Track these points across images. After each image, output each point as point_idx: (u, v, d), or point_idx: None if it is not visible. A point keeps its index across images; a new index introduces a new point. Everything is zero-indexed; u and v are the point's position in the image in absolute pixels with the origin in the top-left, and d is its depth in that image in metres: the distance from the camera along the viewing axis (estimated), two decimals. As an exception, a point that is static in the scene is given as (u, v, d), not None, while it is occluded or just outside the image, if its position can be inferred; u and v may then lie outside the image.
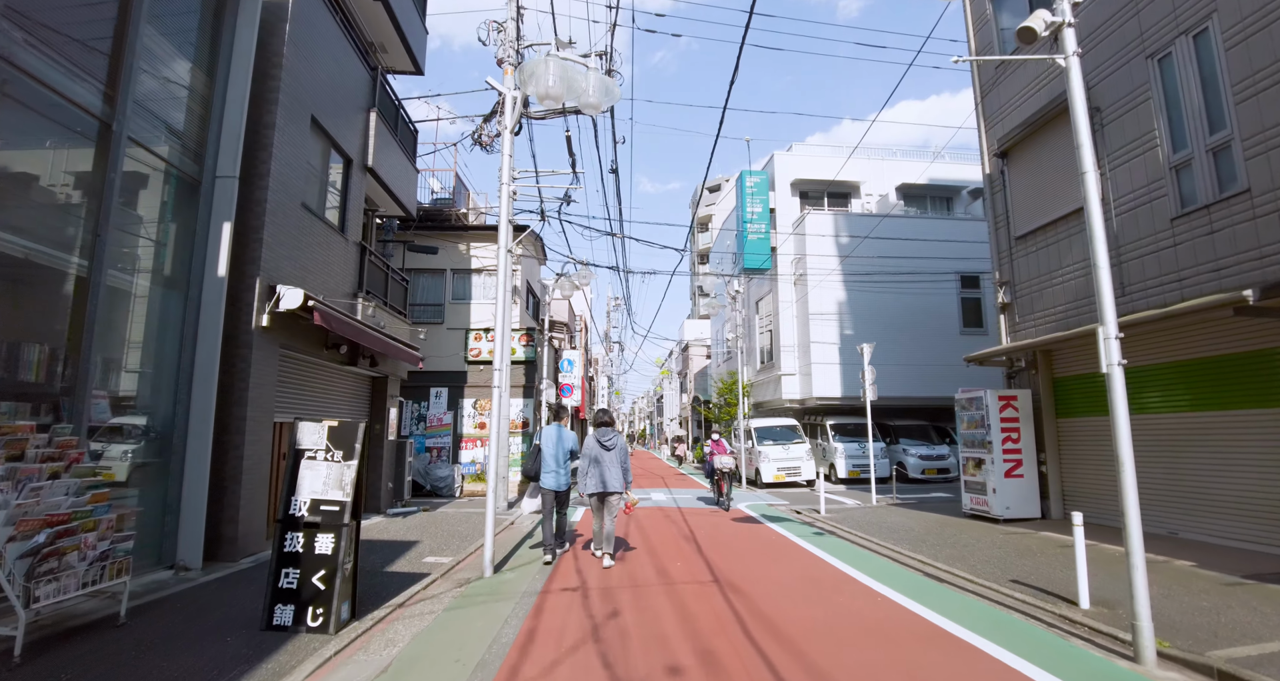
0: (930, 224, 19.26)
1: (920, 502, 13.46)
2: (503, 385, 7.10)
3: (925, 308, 18.73)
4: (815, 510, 12.07)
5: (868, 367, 13.30)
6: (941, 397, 18.93)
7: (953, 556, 7.52)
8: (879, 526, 9.92)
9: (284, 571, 4.63)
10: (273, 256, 7.66)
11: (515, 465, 16.00)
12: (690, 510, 12.43)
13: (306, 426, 4.94)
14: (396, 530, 9.43)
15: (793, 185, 19.77)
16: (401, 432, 16.33)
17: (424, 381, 16.51)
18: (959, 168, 21.07)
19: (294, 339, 8.20)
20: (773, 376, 19.62)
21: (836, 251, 18.48)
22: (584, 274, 15.97)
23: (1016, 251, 10.63)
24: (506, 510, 11.99)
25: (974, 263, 19.01)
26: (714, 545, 8.43)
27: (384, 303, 11.46)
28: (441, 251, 16.87)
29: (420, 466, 15.55)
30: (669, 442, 47.15)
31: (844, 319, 18.30)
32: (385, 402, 11.63)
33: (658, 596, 5.74)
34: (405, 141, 12.55)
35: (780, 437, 17.72)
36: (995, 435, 9.82)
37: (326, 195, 9.41)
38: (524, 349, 16.57)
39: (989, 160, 11.35)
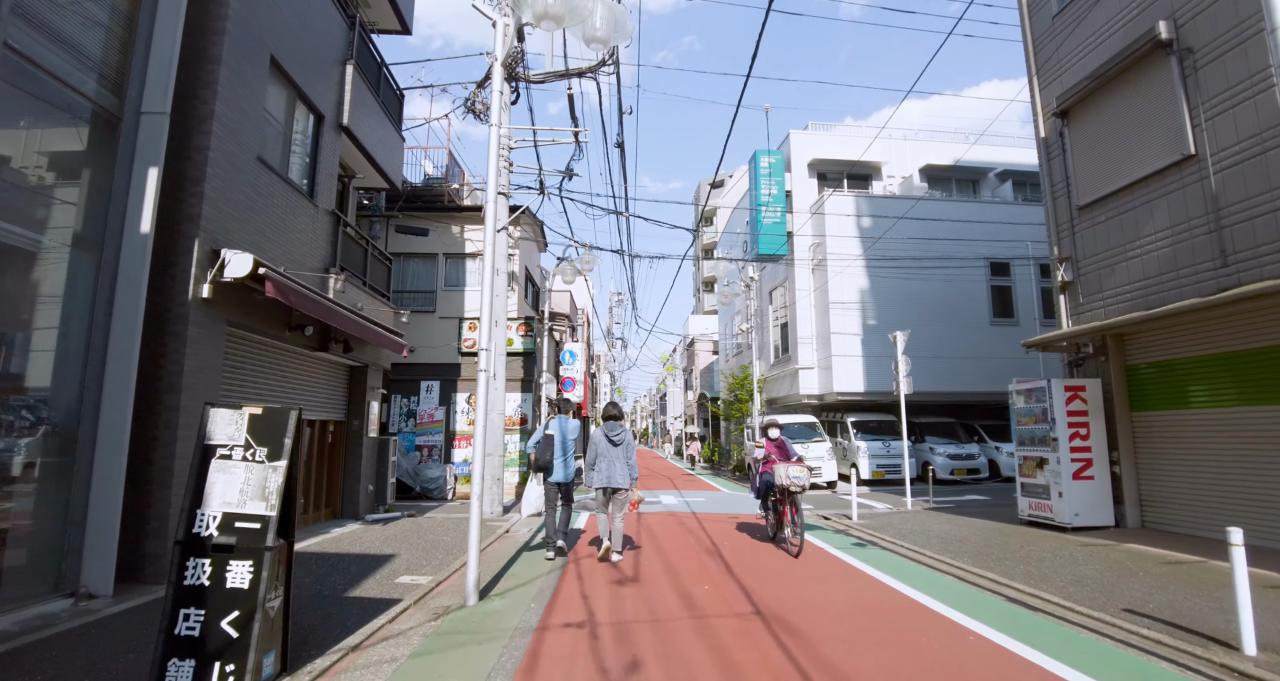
0: (957, 207, 17.97)
1: (958, 506, 12.19)
2: (492, 368, 5.86)
3: (953, 296, 17.46)
4: (845, 515, 10.82)
5: (901, 358, 12.05)
6: (971, 393, 17.68)
7: (1032, 575, 6.26)
8: (925, 535, 8.66)
9: (182, 612, 3.37)
10: (218, 216, 6.39)
11: (511, 465, 14.75)
12: (708, 517, 11.16)
13: (219, 415, 3.68)
14: (373, 540, 8.16)
15: (810, 166, 18.51)
16: (389, 429, 15.10)
17: (414, 374, 15.26)
18: (986, 149, 19.77)
19: (248, 316, 6.94)
20: (788, 370, 18.36)
21: (859, 236, 17.21)
22: (587, 258, 14.69)
23: (1080, 223, 9.35)
24: (501, 515, 10.73)
25: (1005, 248, 17.76)
26: (743, 561, 7.15)
27: (363, 282, 10.19)
28: (433, 234, 15.61)
29: (409, 466, 14.30)
30: (678, 440, 45.84)
31: (867, 308, 17.02)
32: (365, 395, 10.38)
33: (687, 635, 4.47)
34: (389, 105, 11.29)
35: (798, 436, 16.43)
36: (1061, 431, 8.55)
37: (291, 153, 8.14)
38: (522, 339, 15.31)
39: (1044, 123, 10.07)
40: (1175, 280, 7.73)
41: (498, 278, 11.27)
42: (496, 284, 11.27)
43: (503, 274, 11.31)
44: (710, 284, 52.61)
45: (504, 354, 11.20)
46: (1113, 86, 8.61)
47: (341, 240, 9.41)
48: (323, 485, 9.67)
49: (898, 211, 17.20)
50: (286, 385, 8.40)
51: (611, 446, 7.07)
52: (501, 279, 11.30)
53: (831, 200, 17.19)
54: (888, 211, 17.31)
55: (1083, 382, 8.77)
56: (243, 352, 7.33)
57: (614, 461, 7.00)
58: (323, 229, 8.94)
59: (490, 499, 10.68)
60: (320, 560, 6.90)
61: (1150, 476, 8.46)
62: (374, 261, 10.88)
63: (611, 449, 7.06)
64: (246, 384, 7.40)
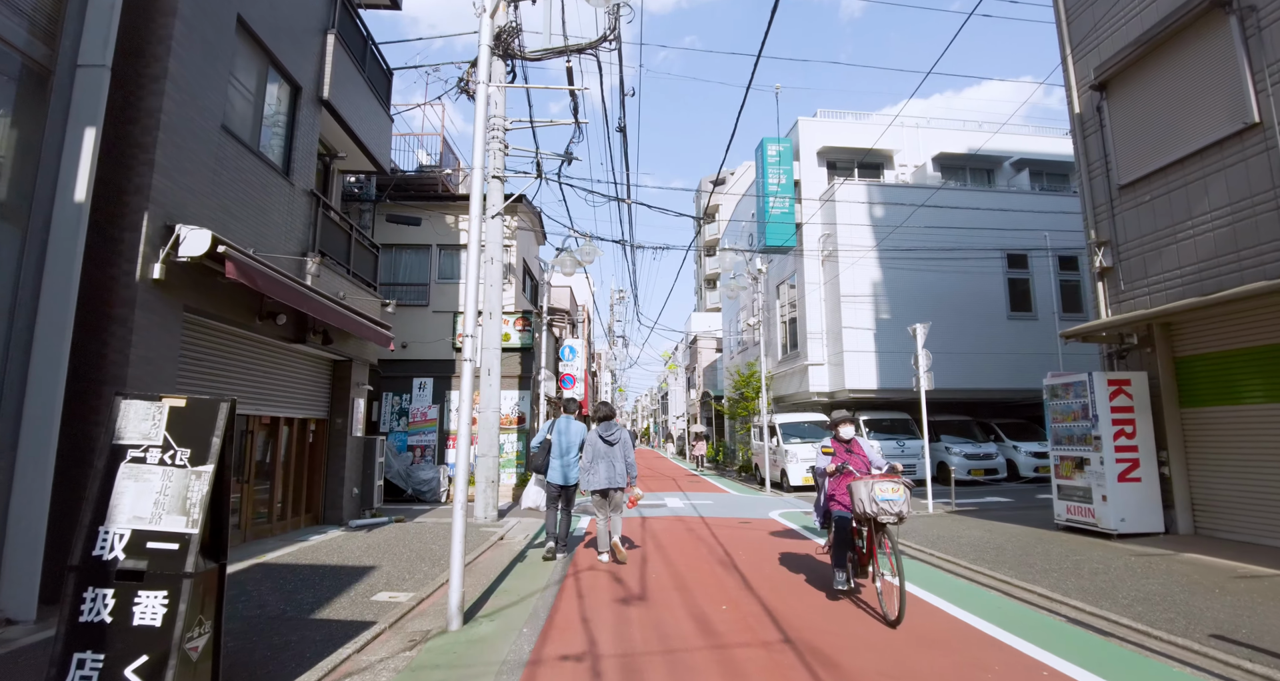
0: (973, 197, 17.25)
1: (982, 509, 11.49)
2: (478, 356, 5.15)
3: (969, 290, 16.74)
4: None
5: (921, 352, 11.35)
6: (987, 390, 16.96)
7: (1088, 589, 5.56)
8: (956, 542, 7.96)
9: (76, 657, 2.67)
10: (172, 188, 5.69)
11: (509, 466, 14.04)
12: (718, 522, 10.44)
13: (131, 407, 2.97)
14: (354, 550, 7.45)
15: (819, 155, 17.79)
16: (380, 429, 14.40)
17: (406, 371, 14.56)
18: (1001, 138, 19.02)
19: (211, 302, 6.23)
20: (797, 367, 17.65)
21: (872, 226, 16.49)
22: (588, 249, 13.97)
23: (1121, 204, 8.63)
24: (496, 520, 10.02)
25: (1022, 240, 17.05)
26: (761, 574, 6.45)
27: (346, 270, 9.49)
28: (426, 224, 14.91)
29: (400, 468, 13.60)
30: (680, 439, 45.12)
31: (879, 301, 16.31)
32: (349, 392, 9.67)
33: (708, 671, 3.76)
34: (376, 83, 10.58)
35: (809, 435, 15.73)
36: (1105, 428, 7.84)
37: (263, 124, 7.43)
38: (519, 334, 14.61)
39: (1079, 98, 9.36)
40: (1235, 262, 7.02)
41: (491, 266, 10.57)
42: (489, 273, 10.56)
43: (498, 262, 10.61)
44: (712, 281, 51.89)
45: (499, 348, 10.50)
46: (1160, 53, 7.89)
47: (321, 223, 8.70)
48: (302, 488, 8.96)
49: (913, 201, 16.49)
50: (258, 380, 7.69)
51: (608, 446, 6.95)
52: (496, 267, 10.59)
53: (843, 188, 16.48)
54: (902, 201, 16.60)
55: (1127, 376, 8.05)
56: (205, 343, 6.62)
57: (613, 461, 6.91)
58: (300, 210, 8.23)
59: (484, 502, 9.98)
60: (291, 573, 6.20)
61: (1203, 478, 7.75)
62: (359, 248, 10.17)
63: (608, 449, 6.95)
64: (209, 377, 6.69)
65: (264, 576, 6.03)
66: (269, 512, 8.18)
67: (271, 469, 8.26)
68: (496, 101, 11.20)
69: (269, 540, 7.86)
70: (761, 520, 10.36)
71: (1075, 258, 17.62)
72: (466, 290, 5.29)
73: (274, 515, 8.27)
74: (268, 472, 8.19)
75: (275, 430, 8.31)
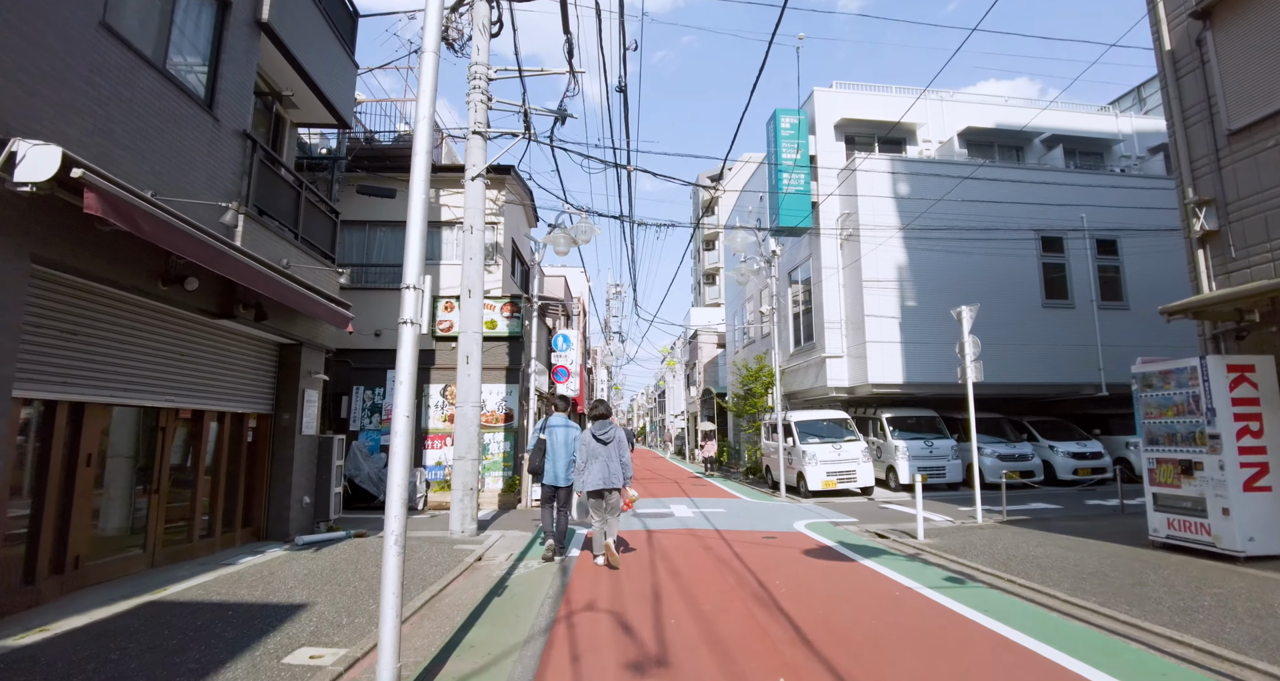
0: (1006, 175, 15.78)
1: (1037, 519, 10.02)
2: (423, 317, 3.62)
3: (1000, 275, 15.26)
4: (904, 533, 8.66)
5: (969, 338, 9.87)
6: (1020, 385, 15.47)
7: (1260, 638, 4.07)
8: (1032, 564, 6.47)
9: None
10: (16, 93, 4.12)
11: (494, 470, 12.49)
12: (737, 537, 8.91)
13: None
14: (288, 579, 5.89)
15: (837, 128, 16.29)
16: (350, 427, 12.83)
17: (379, 362, 12.99)
18: (1033, 113, 17.60)
19: (83, 254, 4.67)
20: (812, 360, 16.14)
21: (897, 206, 14.99)
22: (584, 227, 12.43)
23: (1230, 153, 7.14)
24: (475, 535, 8.47)
25: (1057, 222, 15.60)
26: (815, 618, 4.91)
27: (294, 235, 7.92)
28: (403, 197, 13.32)
29: (372, 471, 12.03)
30: (678, 439, 43.59)
31: (905, 287, 14.81)
32: (299, 382, 8.10)
33: None
34: (337, 19, 9.01)
35: (828, 434, 14.23)
36: (1225, 425, 6.33)
37: (171, 38, 5.86)
38: (506, 321, 13.05)
39: (1169, 32, 7.87)
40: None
41: (471, 236, 9.04)
42: (469, 244, 9.03)
43: (478, 232, 9.06)
44: (711, 277, 50.46)
45: (480, 332, 8.95)
46: (1292, -38, 6.40)
47: (259, 174, 7.12)
48: (237, 498, 7.38)
49: (944, 177, 14.99)
50: (172, 365, 6.12)
51: (601, 445, 6.72)
52: (477, 238, 9.05)
53: (866, 163, 14.97)
54: (931, 179, 15.10)
55: (1250, 360, 6.56)
56: (80, 311, 5.05)
57: (607, 461, 6.69)
58: (227, 154, 6.65)
59: (460, 514, 8.43)
60: (187, 618, 4.63)
61: (1348, 487, 6.25)
62: (312, 211, 8.60)
63: (602, 448, 6.71)
64: (87, 359, 5.11)
65: (145, 623, 4.46)
66: (189, 529, 6.60)
67: (194, 474, 6.68)
68: (479, 46, 9.66)
69: (186, 565, 6.28)
70: (787, 534, 8.84)
71: (1114, 241, 16.21)
72: (410, 230, 3.75)
73: (196, 532, 6.68)
74: (188, 479, 6.61)
75: (200, 427, 6.73)
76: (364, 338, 13.04)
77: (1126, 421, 16.42)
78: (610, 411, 7.62)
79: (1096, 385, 15.45)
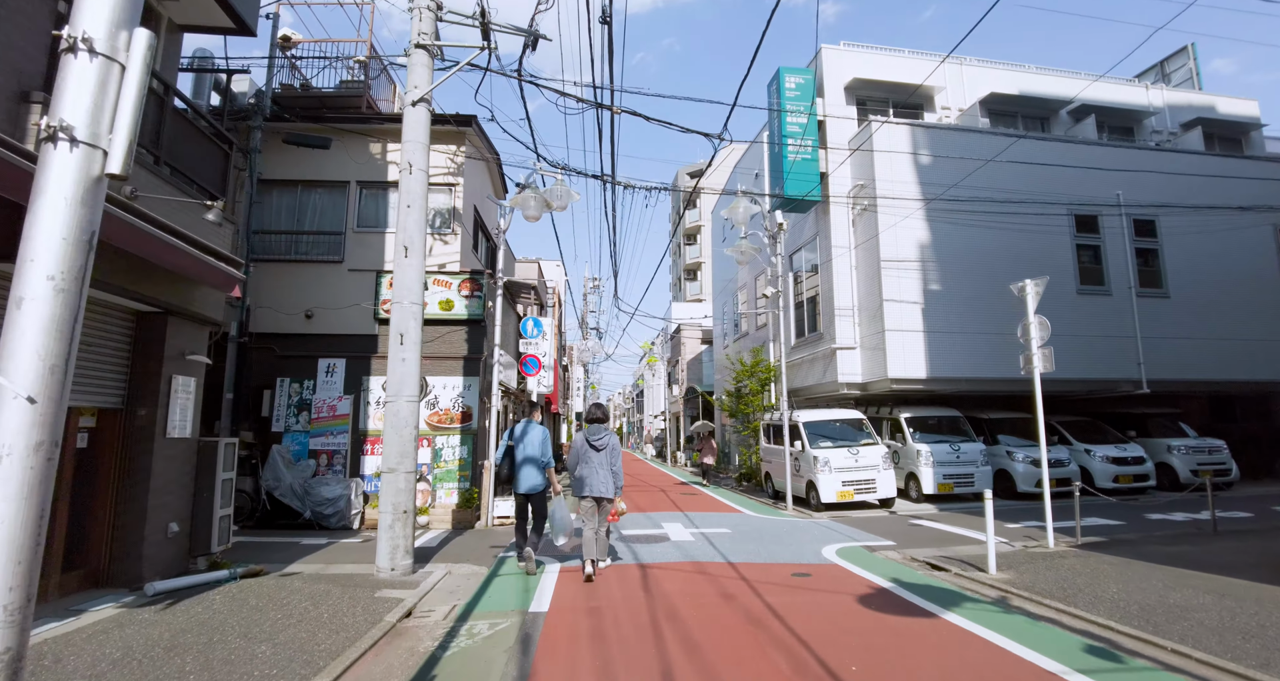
0: (1039, 147, 14.04)
1: (1117, 542, 8.17)
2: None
3: (1032, 257, 13.48)
4: (965, 562, 6.80)
5: (1034, 320, 8.03)
6: (1052, 381, 13.74)
7: None
8: (1189, 620, 4.57)
9: None
10: None
11: (447, 480, 10.31)
12: (755, 571, 6.89)
13: None
14: (89, 665, 3.70)
15: (847, 90, 14.40)
16: (273, 427, 10.56)
17: (309, 348, 10.76)
18: (1061, 81, 15.93)
19: None
20: (819, 352, 14.22)
21: (918, 178, 13.14)
22: (560, 191, 10.32)
23: None
24: (407, 573, 6.32)
25: (1091, 194, 13.89)
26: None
27: (155, 158, 5.70)
28: (342, 152, 11.11)
29: (296, 480, 9.79)
30: (658, 440, 41.56)
31: (928, 269, 12.96)
32: (163, 366, 5.87)
33: None
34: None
35: (842, 437, 12.29)
36: None
37: None
38: (465, 301, 10.89)
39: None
40: None
41: (411, 176, 6.90)
42: (410, 186, 6.89)
43: (421, 172, 6.92)
44: (693, 271, 48.55)
45: (420, 302, 6.82)
46: None
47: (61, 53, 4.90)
48: (56, 527, 5.13)
49: (969, 147, 13.20)
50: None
51: (594, 452, 6.43)
52: (418, 179, 6.91)
53: (883, 129, 13.09)
54: (956, 147, 13.30)
55: None
56: None
57: (597, 469, 6.37)
58: (24, 18, 4.43)
59: (390, 547, 6.28)
60: None
61: None
62: (183, 129, 6.37)
63: (594, 455, 6.42)
64: None
65: None
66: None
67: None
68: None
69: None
70: (822, 568, 6.83)
71: (1152, 221, 14.56)
72: None
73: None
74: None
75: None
76: (292, 319, 10.80)
77: (1165, 422, 14.80)
78: (608, 416, 7.01)
79: (1135, 381, 13.75)
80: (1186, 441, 13.80)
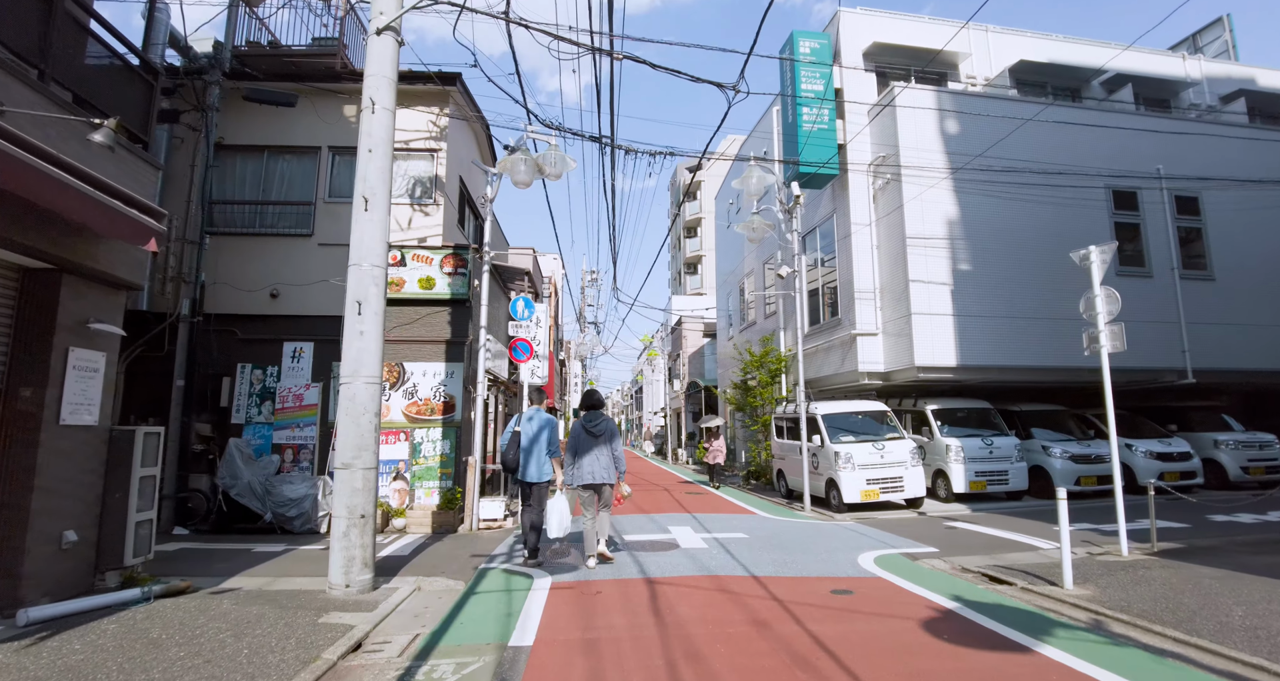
0: (1074, 114, 12.97)
1: (1195, 550, 7.06)
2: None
3: (1067, 235, 12.34)
4: (1028, 573, 5.72)
5: (1100, 291, 6.96)
6: (1090, 370, 12.65)
7: None
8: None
9: None
10: None
11: (426, 479, 9.20)
12: (784, 586, 5.79)
13: None
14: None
15: (866, 56, 13.29)
16: (233, 419, 9.43)
17: (274, 331, 9.64)
18: (1090, 50, 14.82)
19: None
20: (837, 339, 13.11)
21: (945, 145, 12.04)
22: (554, 157, 9.19)
23: None
24: (365, 590, 5.20)
25: (1130, 169, 12.80)
26: None
27: (40, 72, 4.57)
28: (311, 113, 9.98)
29: (256, 478, 8.67)
30: (658, 437, 40.44)
31: (957, 247, 11.86)
32: (51, 335, 4.74)
33: None
34: None
35: (865, 431, 11.19)
36: None
37: None
38: (448, 279, 9.76)
39: None
40: None
41: (373, 116, 5.79)
42: (372, 128, 5.79)
43: (384, 112, 5.81)
44: (693, 265, 47.44)
45: (383, 264, 5.72)
46: None
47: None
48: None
49: (1001, 116, 12.09)
50: None
51: (591, 438, 6.30)
52: (383, 120, 5.80)
53: (906, 95, 11.98)
54: (986, 114, 12.19)
55: None
56: None
57: (597, 455, 6.23)
58: None
59: (344, 558, 5.17)
60: None
61: None
62: (76, 36, 5.23)
63: (592, 441, 6.28)
64: None
65: None
66: None
67: None
68: None
69: None
70: (864, 582, 5.72)
71: (1195, 198, 13.47)
72: None
73: None
74: None
75: None
76: (255, 299, 9.68)
77: (1208, 415, 13.70)
78: (603, 402, 6.95)
79: (1180, 371, 12.66)
80: (1234, 435, 12.70)
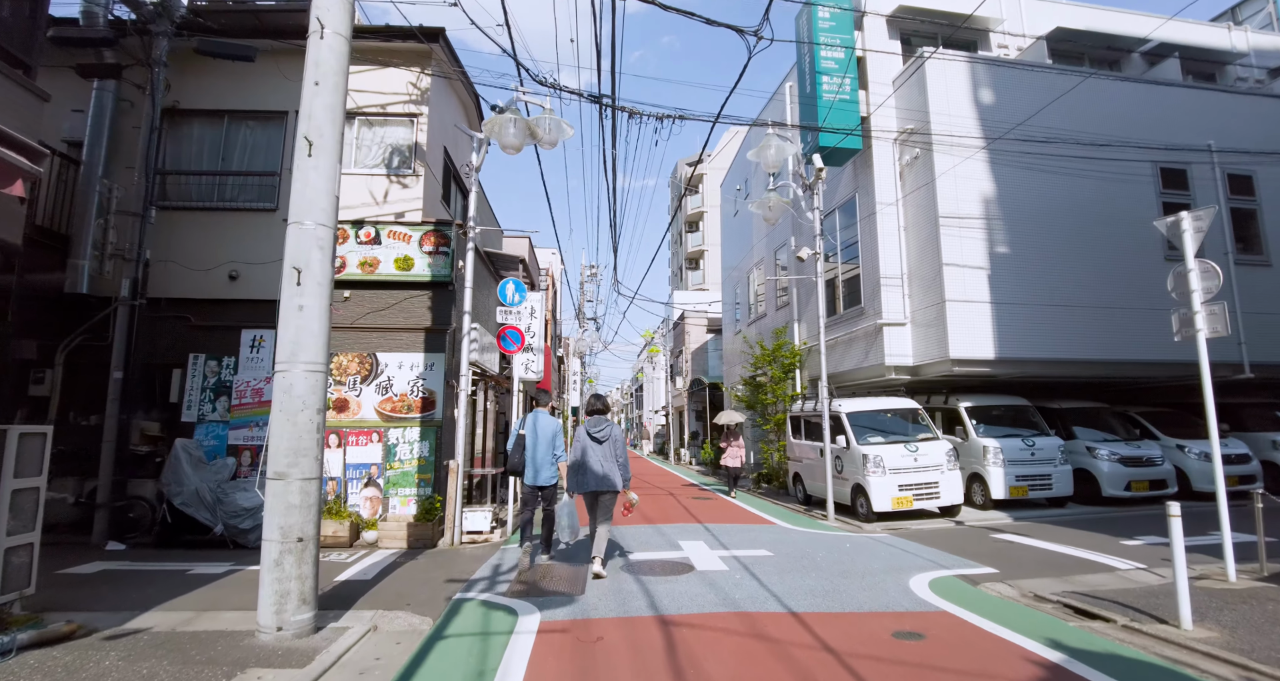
0: (1119, 88, 11.86)
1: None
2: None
3: (1112, 217, 11.34)
4: (1125, 605, 4.65)
5: (1193, 264, 5.87)
6: (1134, 364, 11.55)
7: None
8: None
9: None
10: None
11: (401, 486, 8.08)
12: (832, 626, 4.68)
13: None
14: None
15: (890, 22, 12.20)
16: (184, 416, 8.31)
17: (233, 317, 8.53)
18: (1132, 19, 13.71)
19: None
20: (861, 330, 11.99)
21: (979, 115, 10.93)
22: (550, 122, 8.07)
23: None
24: (305, 633, 4.08)
25: (1179, 145, 11.68)
26: None
27: None
28: (279, 79, 8.84)
29: (205, 485, 7.55)
30: (659, 437, 39.35)
31: (993, 227, 10.74)
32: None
33: None
34: None
35: (894, 431, 10.09)
36: None
37: None
38: (428, 259, 8.64)
39: None
40: None
41: (323, 41, 4.67)
42: (322, 57, 4.66)
43: (338, 37, 4.68)
44: (694, 260, 46.27)
45: (332, 223, 4.60)
46: None
47: None
48: None
49: (1040, 85, 10.98)
50: None
51: (596, 444, 6.08)
52: (336, 47, 4.67)
53: (934, 62, 10.86)
54: (1023, 83, 11.09)
55: None
56: None
57: (602, 461, 6.02)
58: None
59: (276, 593, 4.05)
60: None
61: None
62: None
63: (596, 447, 6.07)
64: None
65: None
66: None
67: None
68: None
69: None
70: (925, 615, 4.61)
71: (1249, 177, 12.36)
72: None
73: None
74: None
75: None
76: (211, 281, 8.57)
77: (1262, 412, 12.60)
78: (608, 407, 6.73)
79: (1235, 365, 11.52)
80: (1295, 435, 11.63)
